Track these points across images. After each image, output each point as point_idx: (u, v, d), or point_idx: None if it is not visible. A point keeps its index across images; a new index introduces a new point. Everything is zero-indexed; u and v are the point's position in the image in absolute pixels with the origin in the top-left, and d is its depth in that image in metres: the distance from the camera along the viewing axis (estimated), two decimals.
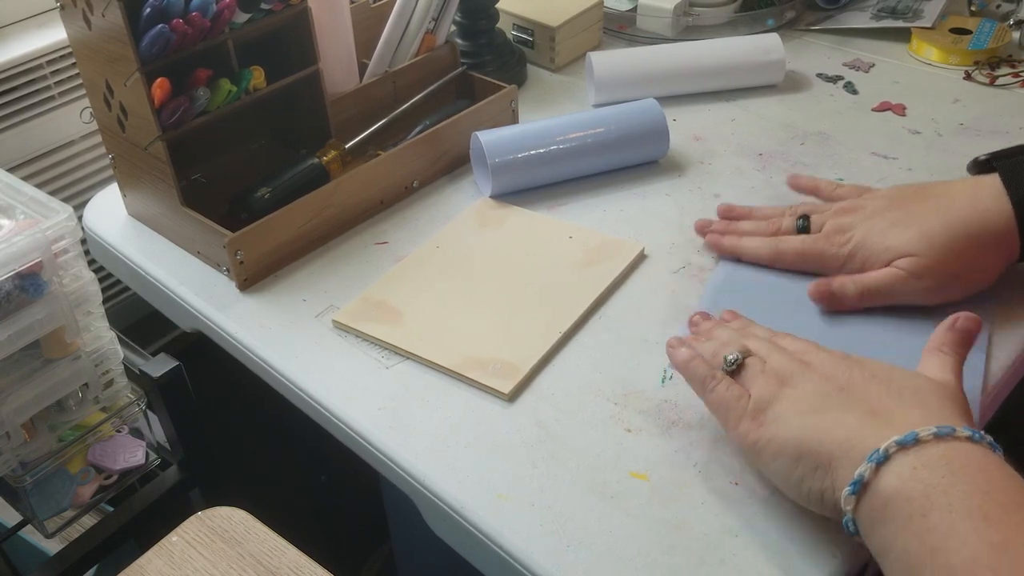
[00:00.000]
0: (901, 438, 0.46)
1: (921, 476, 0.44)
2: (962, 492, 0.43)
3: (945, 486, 0.44)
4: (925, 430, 0.46)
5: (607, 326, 0.67)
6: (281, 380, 0.66)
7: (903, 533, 0.44)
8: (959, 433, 0.45)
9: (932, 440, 0.45)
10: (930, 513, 0.43)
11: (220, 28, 0.71)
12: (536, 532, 0.53)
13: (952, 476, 0.44)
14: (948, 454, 0.45)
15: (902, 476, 0.45)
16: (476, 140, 0.80)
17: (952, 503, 0.43)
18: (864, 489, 0.46)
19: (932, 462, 0.45)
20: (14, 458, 0.67)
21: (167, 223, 0.78)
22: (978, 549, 0.42)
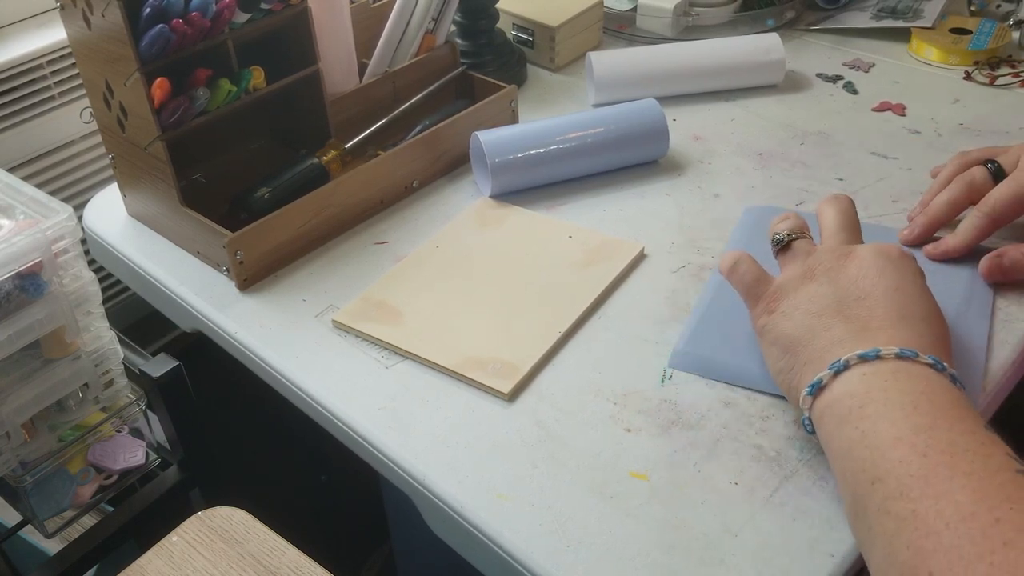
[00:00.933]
0: (864, 352, 0.50)
1: (867, 379, 0.49)
2: (900, 390, 0.48)
3: (887, 386, 0.48)
4: (888, 349, 0.49)
5: (607, 326, 0.67)
6: (281, 380, 0.66)
7: (842, 425, 0.49)
8: (920, 358, 0.49)
9: (892, 358, 0.49)
10: (867, 404, 0.48)
11: (220, 28, 0.71)
12: (536, 532, 0.53)
13: (895, 381, 0.48)
14: (901, 368, 0.49)
15: (852, 380, 0.49)
16: (476, 140, 0.80)
17: (889, 397, 0.47)
18: (819, 392, 0.51)
19: (882, 370, 0.49)
20: (14, 458, 0.67)
21: (167, 223, 0.78)
22: (902, 428, 0.46)
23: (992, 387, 0.60)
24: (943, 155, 0.83)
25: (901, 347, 0.49)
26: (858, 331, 0.52)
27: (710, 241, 0.74)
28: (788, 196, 0.79)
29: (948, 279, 0.67)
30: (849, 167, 0.82)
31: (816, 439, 0.57)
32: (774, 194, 0.79)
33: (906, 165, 0.82)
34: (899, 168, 0.82)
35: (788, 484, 0.55)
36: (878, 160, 0.83)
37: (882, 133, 0.87)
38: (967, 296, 0.65)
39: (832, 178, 0.81)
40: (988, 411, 0.61)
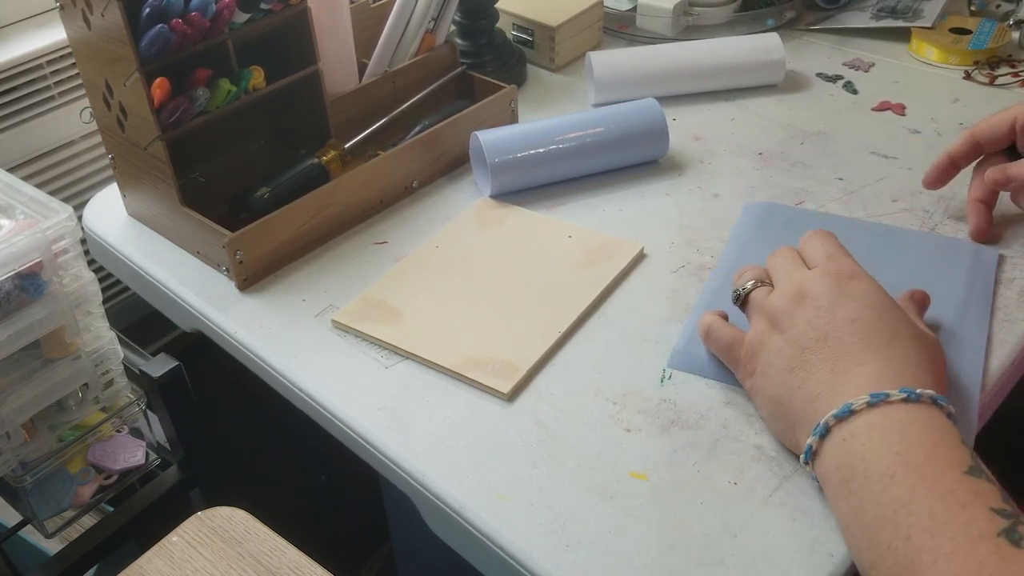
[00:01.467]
0: (838, 411, 0.50)
1: (847, 447, 0.49)
2: (875, 457, 0.48)
3: (864, 452, 0.48)
4: (859, 400, 0.49)
5: (606, 326, 0.67)
6: (281, 380, 0.66)
7: (836, 498, 0.50)
8: (892, 397, 0.49)
9: (864, 409, 0.49)
10: (852, 479, 0.48)
11: (220, 28, 0.71)
12: (536, 532, 0.53)
13: (870, 443, 0.48)
14: (873, 421, 0.49)
15: (836, 447, 0.50)
16: (476, 140, 0.80)
17: (867, 469, 0.48)
18: (814, 457, 0.52)
19: (857, 432, 0.49)
20: (14, 458, 0.67)
21: (167, 223, 0.78)
22: (884, 507, 0.46)
23: (992, 387, 0.60)
24: None
25: (871, 392, 0.49)
26: (828, 378, 0.52)
27: (710, 241, 0.74)
28: (788, 196, 0.79)
29: (947, 280, 0.67)
30: (849, 167, 0.82)
31: None
32: (774, 194, 0.79)
33: (906, 165, 0.82)
34: (899, 168, 0.82)
35: (788, 484, 0.55)
36: (878, 160, 0.83)
37: (882, 133, 0.87)
38: (967, 296, 0.65)
39: (832, 178, 0.81)
40: (988, 410, 0.61)
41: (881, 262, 0.63)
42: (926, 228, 0.74)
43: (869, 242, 0.71)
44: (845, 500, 0.49)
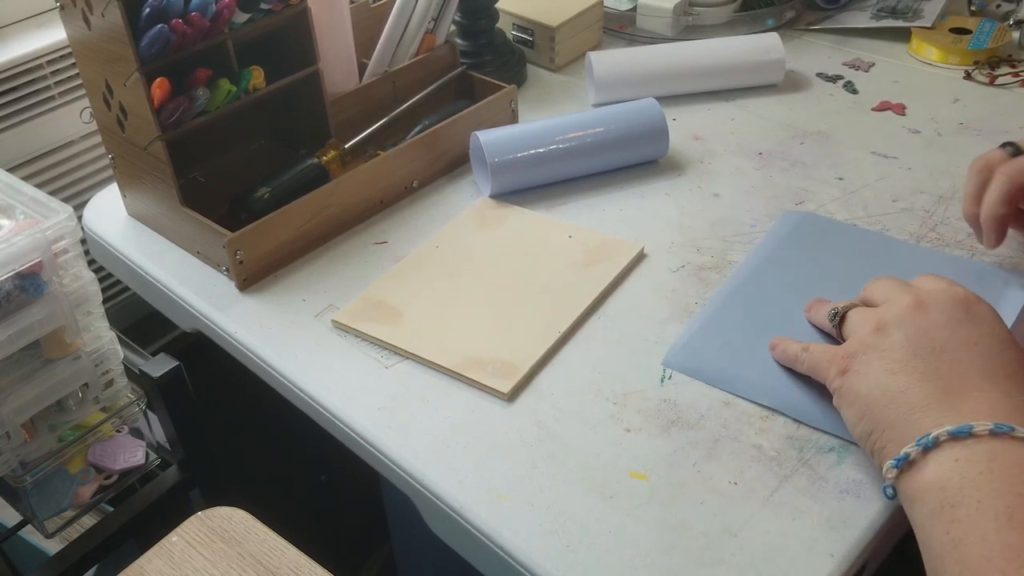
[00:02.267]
0: (955, 429, 0.46)
1: (960, 468, 0.45)
2: (995, 490, 0.43)
3: (980, 482, 0.44)
4: (981, 425, 0.46)
5: (606, 326, 0.67)
6: (281, 380, 0.66)
7: (931, 520, 0.45)
8: (1017, 432, 0.45)
9: (986, 436, 0.45)
10: (959, 505, 0.44)
11: (220, 28, 0.71)
12: (536, 532, 0.53)
13: (990, 473, 0.44)
14: (995, 451, 0.45)
15: (943, 464, 0.46)
16: (476, 140, 0.80)
17: (982, 500, 0.43)
18: (908, 467, 0.47)
19: (976, 456, 0.45)
20: (14, 458, 0.67)
21: (167, 223, 0.78)
22: (994, 548, 0.42)
23: None
24: (943, 154, 0.83)
25: (995, 421, 0.46)
26: (938, 393, 0.48)
27: (710, 241, 0.74)
28: (788, 196, 0.79)
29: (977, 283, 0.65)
30: (849, 167, 0.82)
31: (813, 435, 0.58)
32: (774, 194, 0.79)
33: (906, 165, 0.82)
34: (899, 168, 0.82)
35: (788, 484, 0.55)
36: (878, 160, 0.83)
37: (882, 133, 0.87)
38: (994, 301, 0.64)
39: (832, 178, 0.81)
40: None
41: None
42: (926, 228, 0.74)
43: (906, 262, 0.70)
44: (945, 527, 0.44)
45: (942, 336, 0.51)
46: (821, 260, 0.70)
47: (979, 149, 0.71)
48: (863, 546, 0.52)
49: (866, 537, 0.52)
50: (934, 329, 0.51)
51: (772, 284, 0.68)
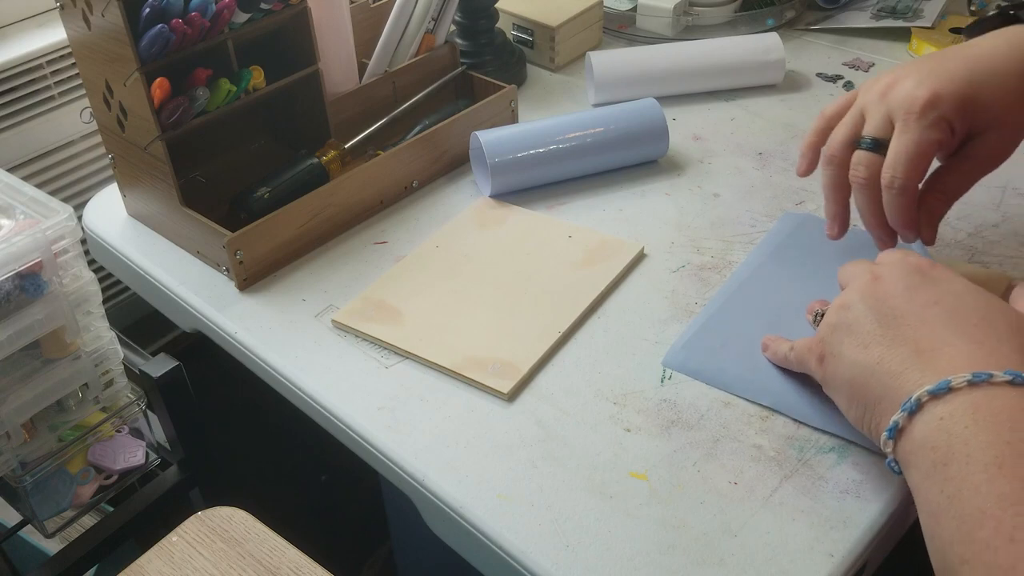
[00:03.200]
0: (933, 387, 0.46)
1: (946, 426, 0.45)
2: (982, 442, 0.44)
3: (967, 436, 0.44)
4: (959, 378, 0.45)
5: (606, 326, 0.67)
6: (281, 380, 0.66)
7: (926, 481, 0.45)
8: (996, 378, 0.45)
9: (965, 387, 0.45)
10: (950, 463, 0.44)
11: (220, 28, 0.71)
12: (535, 532, 0.53)
13: (975, 425, 0.44)
14: (977, 401, 0.45)
15: (929, 425, 0.46)
16: (476, 140, 0.80)
17: (971, 453, 0.44)
18: (899, 435, 0.47)
19: (958, 412, 0.45)
20: (14, 458, 0.67)
21: (167, 223, 0.78)
22: (987, 499, 0.42)
23: None
24: None
25: (971, 369, 0.46)
26: (912, 355, 0.49)
27: (710, 241, 0.74)
28: (788, 196, 0.79)
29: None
30: None
31: (813, 435, 0.58)
32: (774, 194, 0.79)
33: None
34: None
35: (788, 484, 0.55)
36: None
37: None
38: None
39: None
40: None
41: None
42: None
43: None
44: (939, 486, 0.44)
45: (900, 302, 0.51)
46: (821, 261, 0.70)
47: None
48: (863, 546, 0.52)
49: (866, 537, 0.52)
50: (892, 297, 0.52)
51: (772, 284, 0.68)
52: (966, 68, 0.59)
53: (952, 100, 0.58)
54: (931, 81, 0.58)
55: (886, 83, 0.60)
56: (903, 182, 0.58)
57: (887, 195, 0.59)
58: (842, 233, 0.66)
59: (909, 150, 0.58)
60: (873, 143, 0.60)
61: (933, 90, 0.58)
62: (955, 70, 0.59)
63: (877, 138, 0.60)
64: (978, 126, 0.60)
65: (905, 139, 0.58)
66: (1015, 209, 0.74)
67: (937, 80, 0.58)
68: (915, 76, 0.59)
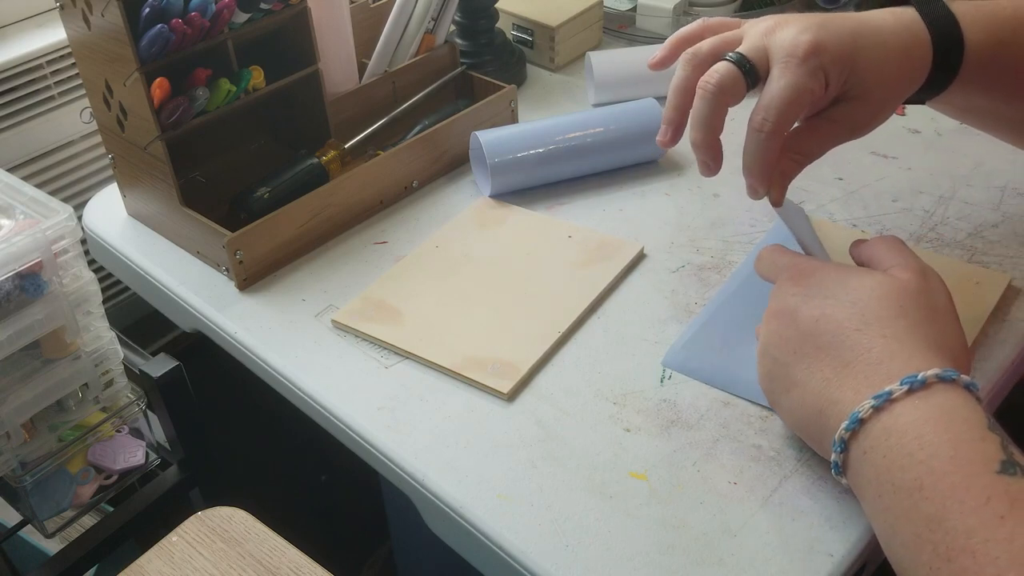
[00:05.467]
0: (847, 424, 0.47)
1: (871, 459, 0.46)
2: (900, 467, 0.45)
3: (887, 464, 0.45)
4: (863, 406, 0.46)
5: (606, 326, 0.67)
6: (280, 380, 0.66)
7: (873, 514, 0.47)
8: (896, 393, 0.46)
9: (871, 415, 0.46)
10: (882, 495, 0.45)
11: (219, 28, 0.71)
12: (535, 532, 0.53)
13: (891, 452, 0.45)
14: (888, 425, 0.46)
15: (858, 462, 0.47)
16: (476, 140, 0.80)
17: (895, 481, 0.45)
18: (844, 470, 0.49)
19: (876, 443, 0.46)
20: (14, 458, 0.67)
21: (167, 223, 0.78)
22: (918, 524, 0.43)
23: (991, 387, 0.60)
24: (943, 155, 0.83)
25: (870, 394, 0.46)
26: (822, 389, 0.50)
27: (709, 241, 0.74)
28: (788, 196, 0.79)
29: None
30: (849, 167, 0.82)
31: None
32: None
33: (906, 165, 0.82)
34: (899, 168, 0.82)
35: (787, 484, 0.55)
36: (877, 160, 0.83)
37: (882, 133, 0.86)
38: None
39: (832, 178, 0.81)
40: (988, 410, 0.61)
41: None
42: (926, 228, 0.74)
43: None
44: (881, 516, 0.46)
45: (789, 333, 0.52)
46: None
47: (978, 148, 0.71)
48: (863, 546, 0.52)
49: (866, 537, 0.52)
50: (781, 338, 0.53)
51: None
52: (853, 31, 0.57)
53: (835, 53, 0.55)
54: (817, 30, 0.56)
55: (770, 24, 0.57)
56: (773, 126, 0.55)
57: (754, 138, 0.56)
58: (675, 141, 0.62)
59: (786, 94, 0.54)
60: (740, 59, 0.56)
61: (818, 38, 0.55)
62: (842, 28, 0.57)
63: (747, 58, 0.56)
64: (849, 91, 0.58)
65: (783, 82, 0.55)
66: (1015, 209, 0.74)
67: (824, 31, 0.56)
68: (802, 23, 0.56)
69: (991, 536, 0.40)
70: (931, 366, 0.46)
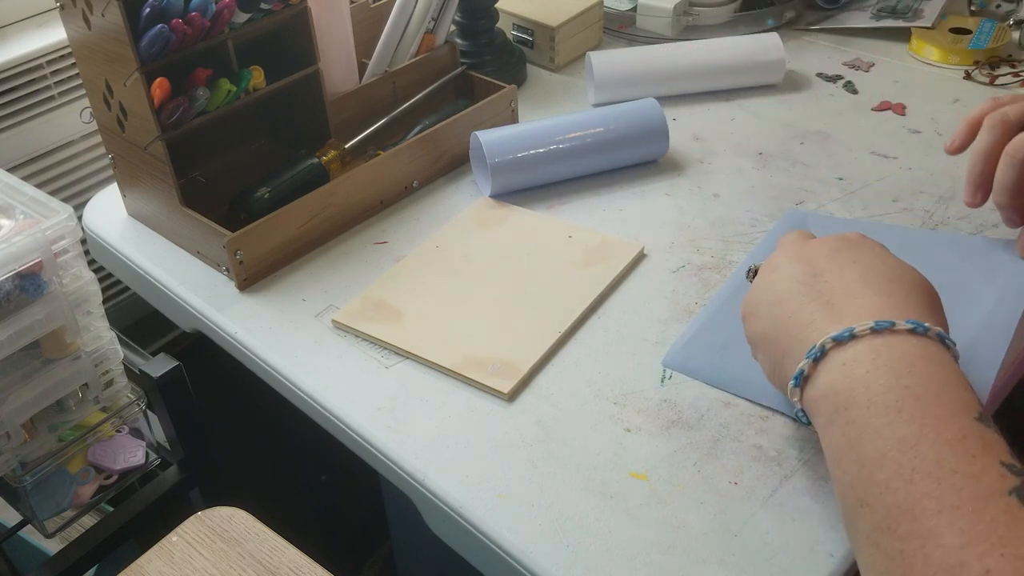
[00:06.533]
0: (837, 334, 0.47)
1: (848, 371, 0.46)
2: (882, 386, 0.44)
3: (868, 380, 0.45)
4: (862, 325, 0.47)
5: (606, 326, 0.67)
6: (281, 380, 0.66)
7: (830, 426, 0.46)
8: (899, 327, 0.46)
9: (867, 334, 0.46)
10: (851, 407, 0.45)
11: (220, 28, 0.71)
12: (535, 532, 0.53)
13: (876, 371, 0.45)
14: (878, 348, 0.46)
15: (833, 371, 0.47)
16: (476, 140, 0.80)
17: (872, 397, 0.44)
18: (805, 382, 0.48)
19: (860, 356, 0.46)
20: (14, 458, 0.67)
21: (167, 223, 0.78)
22: (888, 442, 0.43)
23: (991, 392, 0.60)
24: (943, 155, 0.82)
25: (875, 319, 0.47)
26: (822, 308, 0.50)
27: (710, 241, 0.74)
28: (788, 196, 0.79)
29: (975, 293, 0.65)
30: (849, 167, 0.82)
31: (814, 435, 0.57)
32: (774, 194, 0.79)
33: (906, 165, 0.82)
34: (899, 168, 0.82)
35: (788, 484, 0.55)
36: (878, 160, 0.83)
37: (882, 133, 0.87)
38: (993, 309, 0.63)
39: (832, 178, 0.81)
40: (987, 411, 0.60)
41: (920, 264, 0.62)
42: (926, 228, 0.74)
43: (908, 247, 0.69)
44: (841, 429, 0.45)
45: (822, 260, 0.52)
46: None
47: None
48: None
49: None
50: (816, 256, 0.53)
51: None
52: None
53: None
54: None
55: None
56: None
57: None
58: (984, 202, 0.66)
59: None
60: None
61: None
62: None
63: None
64: None
65: None
66: None
67: None
68: None
69: (960, 469, 0.40)
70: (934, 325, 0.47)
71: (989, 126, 0.64)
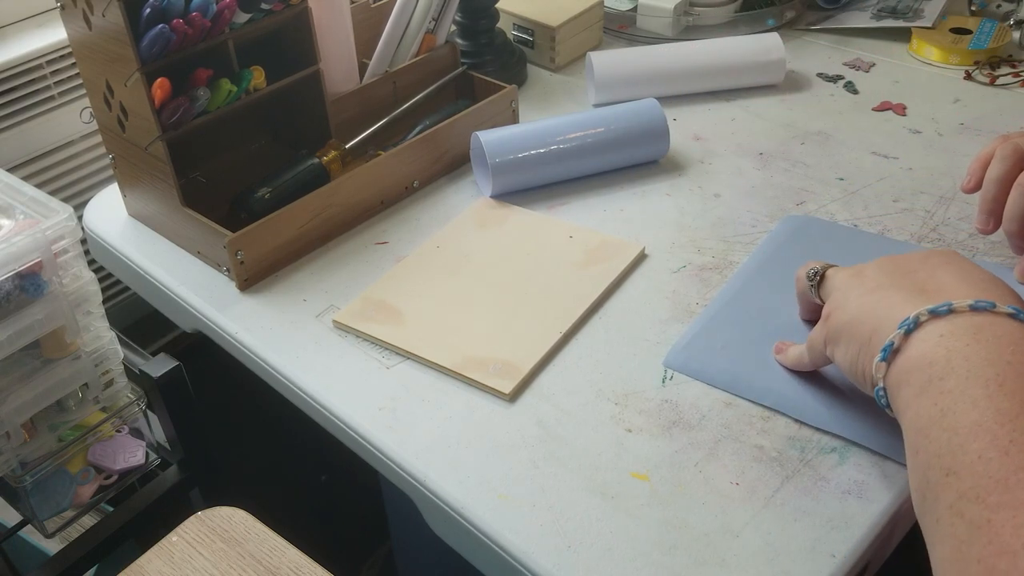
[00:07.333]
0: (934, 307, 0.46)
1: (946, 342, 0.45)
2: (983, 359, 0.44)
3: (968, 353, 0.44)
4: (961, 301, 0.46)
5: (607, 326, 0.67)
6: (281, 380, 0.66)
7: (920, 396, 0.45)
8: (999, 309, 0.46)
9: (966, 311, 0.46)
10: (948, 376, 0.44)
11: (220, 28, 0.70)
12: (536, 532, 0.53)
13: (977, 344, 0.44)
14: (979, 324, 0.45)
15: (928, 342, 0.46)
16: (476, 140, 0.80)
17: (971, 368, 0.44)
18: (893, 356, 0.47)
19: (960, 330, 0.45)
20: (14, 458, 0.67)
21: (167, 223, 0.78)
22: (985, 413, 0.42)
23: None
24: (943, 155, 0.83)
25: (975, 298, 0.46)
26: (916, 292, 0.49)
27: (710, 241, 0.74)
28: (788, 196, 0.79)
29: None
30: (849, 167, 0.82)
31: (815, 435, 0.57)
32: (775, 194, 0.79)
33: (907, 165, 0.82)
34: (899, 168, 0.82)
35: (789, 484, 0.55)
36: (878, 160, 0.83)
37: (882, 133, 0.87)
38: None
39: (832, 178, 0.81)
40: None
41: None
42: (927, 228, 0.74)
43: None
44: (933, 399, 0.44)
45: (914, 262, 0.52)
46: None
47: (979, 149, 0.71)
48: (865, 546, 0.52)
49: (868, 537, 0.52)
50: (907, 260, 0.53)
51: (773, 285, 0.68)
52: None
53: None
54: None
55: None
56: None
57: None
58: (996, 229, 0.66)
59: None
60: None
61: None
62: None
63: None
64: None
65: None
66: None
67: None
68: None
69: None
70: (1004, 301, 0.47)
71: (1001, 156, 0.65)
